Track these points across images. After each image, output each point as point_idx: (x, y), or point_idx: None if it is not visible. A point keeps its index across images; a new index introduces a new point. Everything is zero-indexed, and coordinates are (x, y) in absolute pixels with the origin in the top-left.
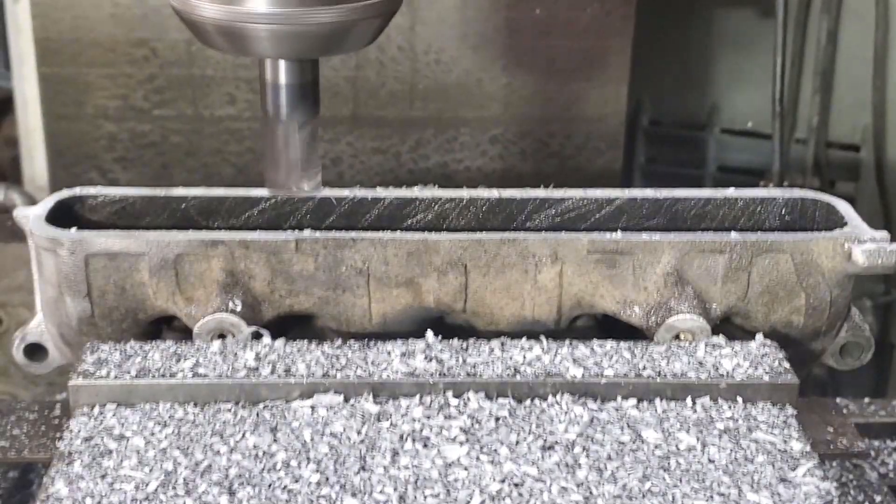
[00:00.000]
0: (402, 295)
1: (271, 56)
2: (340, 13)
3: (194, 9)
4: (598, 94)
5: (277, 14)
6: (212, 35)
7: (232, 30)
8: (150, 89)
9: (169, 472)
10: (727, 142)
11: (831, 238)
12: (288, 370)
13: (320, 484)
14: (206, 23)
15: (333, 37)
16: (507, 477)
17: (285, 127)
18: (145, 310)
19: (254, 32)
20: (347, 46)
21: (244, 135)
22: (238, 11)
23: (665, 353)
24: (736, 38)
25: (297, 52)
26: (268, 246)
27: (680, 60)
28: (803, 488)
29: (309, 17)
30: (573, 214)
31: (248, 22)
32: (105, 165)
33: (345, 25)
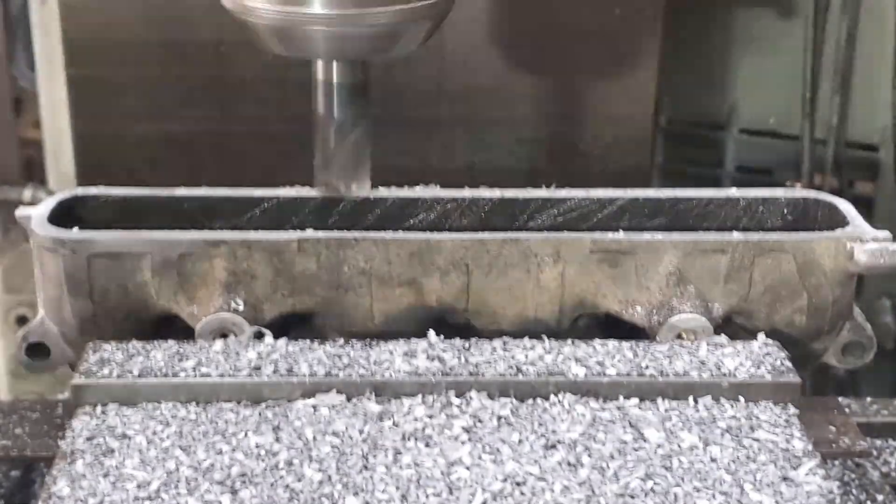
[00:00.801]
0: (405, 295)
1: (324, 57)
2: (395, 15)
3: (249, 10)
4: (627, 94)
5: (332, 15)
6: (266, 36)
7: (286, 31)
8: (178, 90)
9: (171, 472)
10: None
11: (833, 238)
12: (290, 370)
13: (322, 483)
14: (261, 24)
15: (387, 38)
16: (510, 476)
17: (336, 128)
18: (147, 309)
19: (308, 34)
20: (400, 48)
21: (272, 136)
22: (293, 13)
23: (667, 352)
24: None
25: (351, 54)
26: (270, 246)
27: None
28: (805, 487)
29: (364, 18)
30: (575, 214)
31: (302, 23)
32: (133, 166)
33: (399, 27)
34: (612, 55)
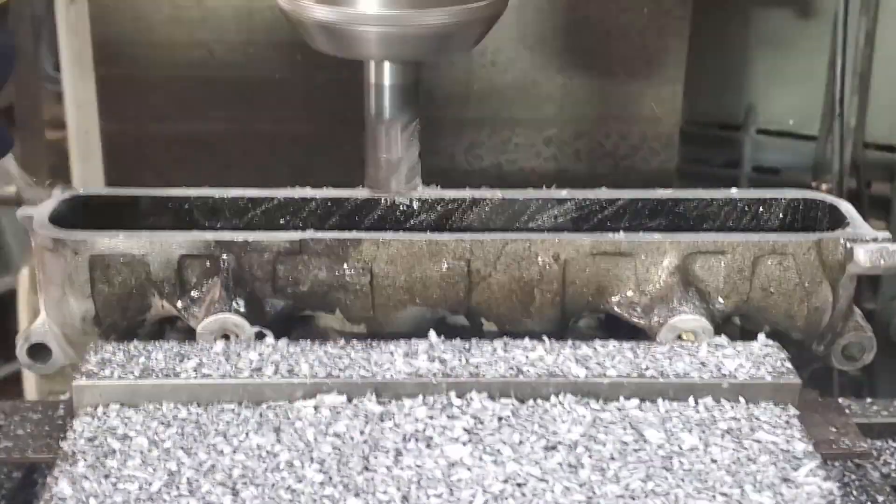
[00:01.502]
0: (406, 295)
1: (378, 58)
2: (449, 16)
3: (303, 10)
4: (655, 94)
5: (387, 16)
6: (319, 36)
7: (340, 31)
8: (207, 91)
9: (172, 472)
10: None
11: (833, 238)
12: (291, 370)
13: (324, 484)
14: (315, 24)
15: (440, 40)
16: (510, 477)
17: (387, 128)
18: (149, 310)
19: (362, 34)
20: (453, 49)
21: (298, 136)
22: (348, 13)
23: (668, 353)
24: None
25: (404, 55)
26: (271, 246)
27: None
28: (806, 488)
29: (418, 19)
30: (576, 215)
31: (356, 24)
32: (161, 167)
33: (452, 28)
34: (640, 55)
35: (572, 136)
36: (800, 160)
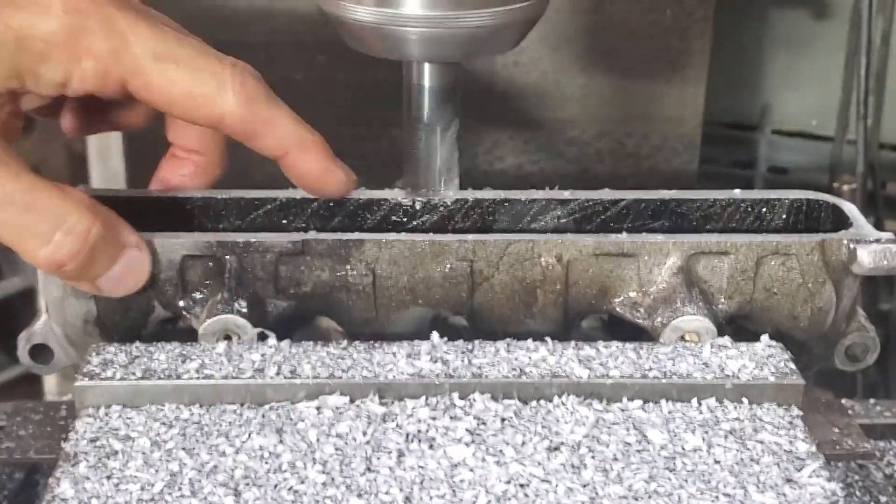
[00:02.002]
0: (408, 296)
1: (419, 59)
2: (491, 16)
3: (345, 10)
4: (677, 95)
5: (429, 17)
6: (359, 36)
7: (381, 32)
8: None
9: (175, 473)
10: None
11: (836, 239)
12: (293, 371)
13: (326, 485)
14: (356, 24)
15: (482, 40)
16: (513, 477)
17: (427, 130)
18: (150, 311)
19: (403, 35)
20: (495, 50)
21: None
22: (389, 14)
23: (671, 353)
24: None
25: (445, 56)
26: (274, 247)
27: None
28: (809, 489)
29: (460, 20)
30: (578, 216)
31: (398, 24)
32: None
33: (494, 29)
34: (663, 55)
35: (594, 136)
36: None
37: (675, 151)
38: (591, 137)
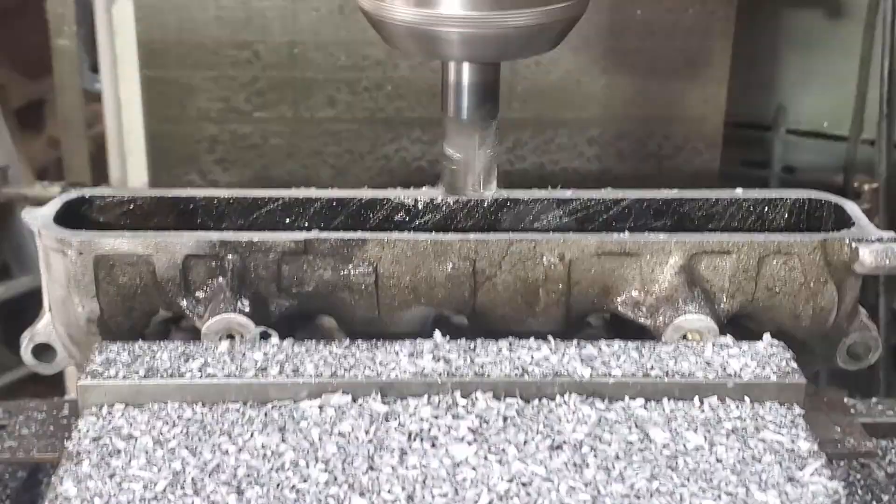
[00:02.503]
0: (411, 295)
1: (459, 59)
2: (532, 17)
3: (386, 11)
4: (699, 95)
5: (470, 18)
6: (401, 37)
7: (422, 32)
8: (251, 91)
9: (177, 472)
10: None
11: (839, 238)
12: (296, 370)
13: (328, 483)
14: (397, 25)
15: (522, 40)
16: (516, 476)
17: (465, 129)
18: (153, 310)
19: (445, 35)
20: (534, 50)
21: (343, 137)
22: (430, 14)
23: (673, 352)
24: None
25: (485, 56)
26: (276, 246)
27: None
28: (811, 487)
29: (501, 21)
30: (581, 215)
31: (439, 25)
32: (205, 167)
33: (534, 29)
34: (685, 55)
35: (615, 136)
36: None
37: (697, 151)
38: (612, 137)
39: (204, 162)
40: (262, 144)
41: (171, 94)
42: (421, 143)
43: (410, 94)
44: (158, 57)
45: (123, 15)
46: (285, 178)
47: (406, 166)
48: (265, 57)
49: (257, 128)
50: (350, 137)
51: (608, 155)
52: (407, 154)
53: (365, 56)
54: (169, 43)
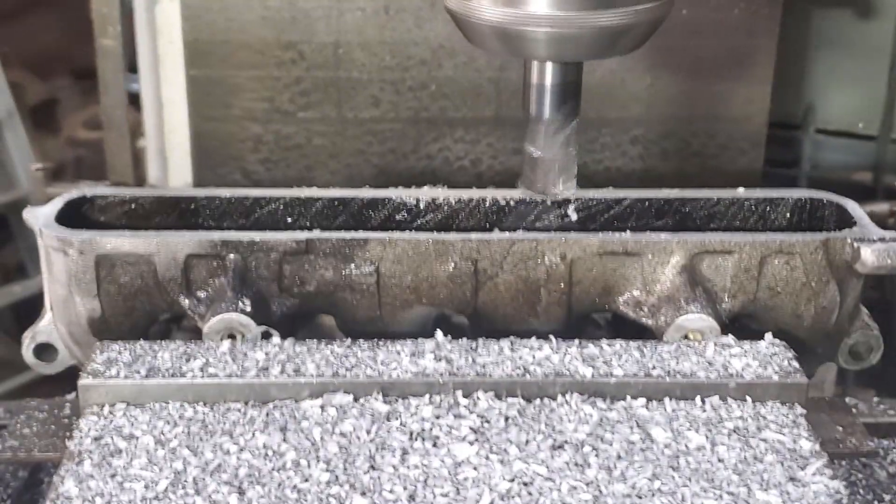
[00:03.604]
0: (412, 294)
1: (544, 58)
2: (618, 17)
3: (472, 10)
4: (744, 94)
5: (557, 18)
6: (486, 36)
7: (509, 32)
8: (296, 91)
9: (179, 472)
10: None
11: (840, 238)
12: (297, 370)
13: (330, 483)
14: (484, 24)
15: (608, 40)
16: (517, 476)
17: (547, 128)
18: (155, 310)
19: (531, 35)
20: (619, 50)
21: (386, 136)
22: (518, 14)
23: (674, 352)
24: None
25: (570, 55)
26: (277, 246)
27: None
28: (812, 487)
29: (588, 21)
30: (583, 214)
31: (526, 25)
32: (249, 167)
33: (620, 30)
34: (729, 54)
35: (659, 135)
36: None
37: (741, 150)
38: (656, 136)
39: (248, 161)
40: (306, 144)
41: (217, 94)
42: (464, 142)
43: (454, 94)
44: (204, 57)
45: (167, 15)
46: (328, 177)
47: (448, 166)
48: (310, 57)
49: (301, 128)
50: (393, 137)
51: (651, 154)
52: (450, 154)
53: (409, 56)
54: (215, 43)
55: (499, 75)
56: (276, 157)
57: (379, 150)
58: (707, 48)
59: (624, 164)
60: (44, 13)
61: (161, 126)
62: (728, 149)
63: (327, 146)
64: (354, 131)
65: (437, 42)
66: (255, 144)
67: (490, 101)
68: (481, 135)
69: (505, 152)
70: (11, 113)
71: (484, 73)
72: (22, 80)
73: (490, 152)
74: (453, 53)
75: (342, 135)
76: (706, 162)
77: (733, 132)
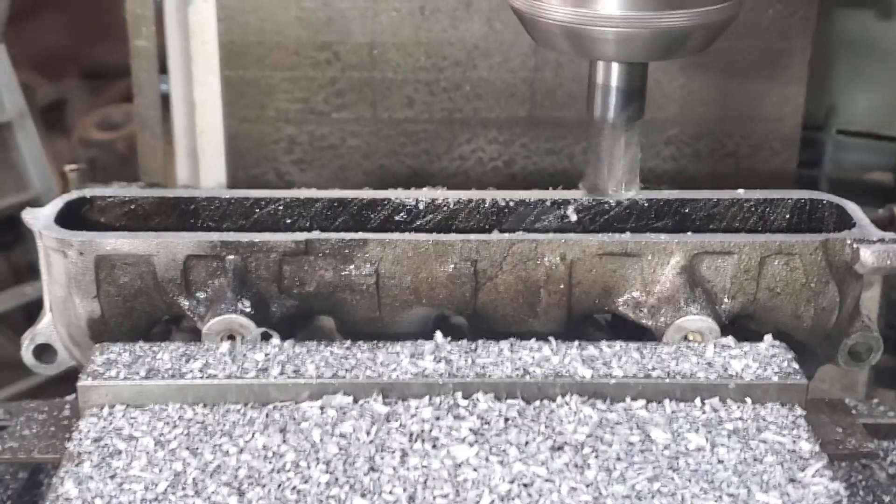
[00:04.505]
0: (412, 296)
1: (612, 58)
2: (689, 18)
3: (541, 10)
4: (778, 95)
5: (627, 18)
6: (554, 36)
7: (577, 32)
8: (330, 92)
9: (178, 473)
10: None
11: (840, 239)
12: (297, 371)
13: (329, 484)
14: (551, 24)
15: (678, 41)
16: (517, 477)
17: (611, 129)
18: (154, 311)
19: (600, 35)
20: (687, 51)
21: (420, 137)
22: (587, 14)
23: (674, 353)
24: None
25: (639, 56)
26: (277, 247)
27: None
28: (812, 489)
29: (658, 21)
30: (583, 215)
31: (595, 25)
32: (283, 168)
33: (691, 30)
34: (764, 55)
35: (693, 136)
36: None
37: (775, 151)
38: (689, 137)
39: (281, 162)
40: (340, 145)
41: (251, 95)
42: (497, 143)
43: (488, 95)
44: (239, 58)
45: (200, 16)
46: (361, 178)
47: (482, 166)
48: (345, 58)
49: (335, 128)
50: (427, 138)
51: (685, 155)
52: (483, 154)
53: (444, 56)
54: (250, 44)
55: (533, 76)
56: (310, 157)
57: (412, 151)
58: (741, 48)
59: (657, 164)
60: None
61: (192, 127)
62: (762, 149)
63: (361, 147)
64: (388, 132)
65: (471, 43)
66: (288, 145)
67: (524, 101)
68: (515, 135)
69: (538, 153)
70: (24, 114)
71: (518, 74)
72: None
73: (524, 153)
74: (488, 54)
75: (376, 135)
76: (740, 162)
77: (767, 133)
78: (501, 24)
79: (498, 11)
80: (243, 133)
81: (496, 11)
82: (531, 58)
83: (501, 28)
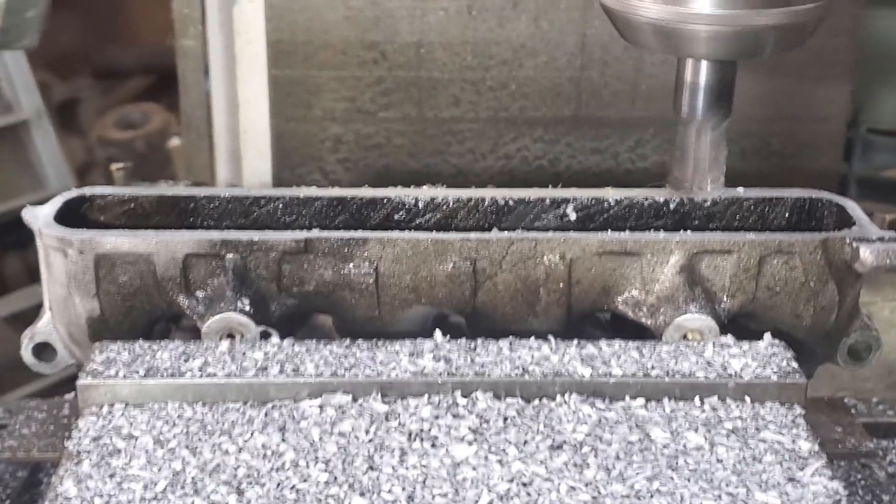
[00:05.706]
0: (411, 294)
1: (703, 56)
2: (782, 16)
3: (632, 8)
4: (825, 94)
5: (719, 16)
6: (645, 34)
7: (669, 30)
8: (377, 91)
9: (177, 472)
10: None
11: (840, 238)
12: (296, 370)
13: (329, 483)
14: (643, 22)
15: (770, 39)
16: (516, 476)
17: (698, 127)
18: (154, 309)
19: (691, 33)
20: (778, 49)
21: (466, 136)
22: (680, 12)
23: (673, 352)
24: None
25: (730, 54)
26: (277, 245)
27: None
28: (811, 488)
29: (750, 19)
30: (582, 214)
31: (687, 22)
32: (328, 167)
33: (784, 28)
34: (810, 55)
35: (738, 134)
36: None
37: (821, 150)
38: (735, 136)
39: (327, 161)
40: (386, 144)
41: (298, 94)
42: (542, 142)
43: (534, 94)
44: (286, 57)
45: (246, 15)
46: (406, 177)
47: (527, 165)
48: (391, 57)
49: (381, 127)
50: (472, 137)
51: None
52: (528, 153)
53: (490, 55)
54: (297, 43)
55: (579, 75)
56: (356, 156)
57: (458, 150)
58: None
59: None
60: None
61: (234, 127)
62: (808, 148)
63: (407, 146)
64: (434, 131)
65: (518, 42)
66: (334, 144)
67: (570, 100)
68: (560, 134)
69: (584, 152)
70: (41, 113)
71: (564, 73)
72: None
73: (569, 152)
74: (534, 53)
75: (422, 134)
76: (785, 161)
77: (814, 132)
78: (548, 24)
79: (545, 11)
80: (289, 132)
81: (543, 11)
82: (577, 57)
83: (548, 27)
